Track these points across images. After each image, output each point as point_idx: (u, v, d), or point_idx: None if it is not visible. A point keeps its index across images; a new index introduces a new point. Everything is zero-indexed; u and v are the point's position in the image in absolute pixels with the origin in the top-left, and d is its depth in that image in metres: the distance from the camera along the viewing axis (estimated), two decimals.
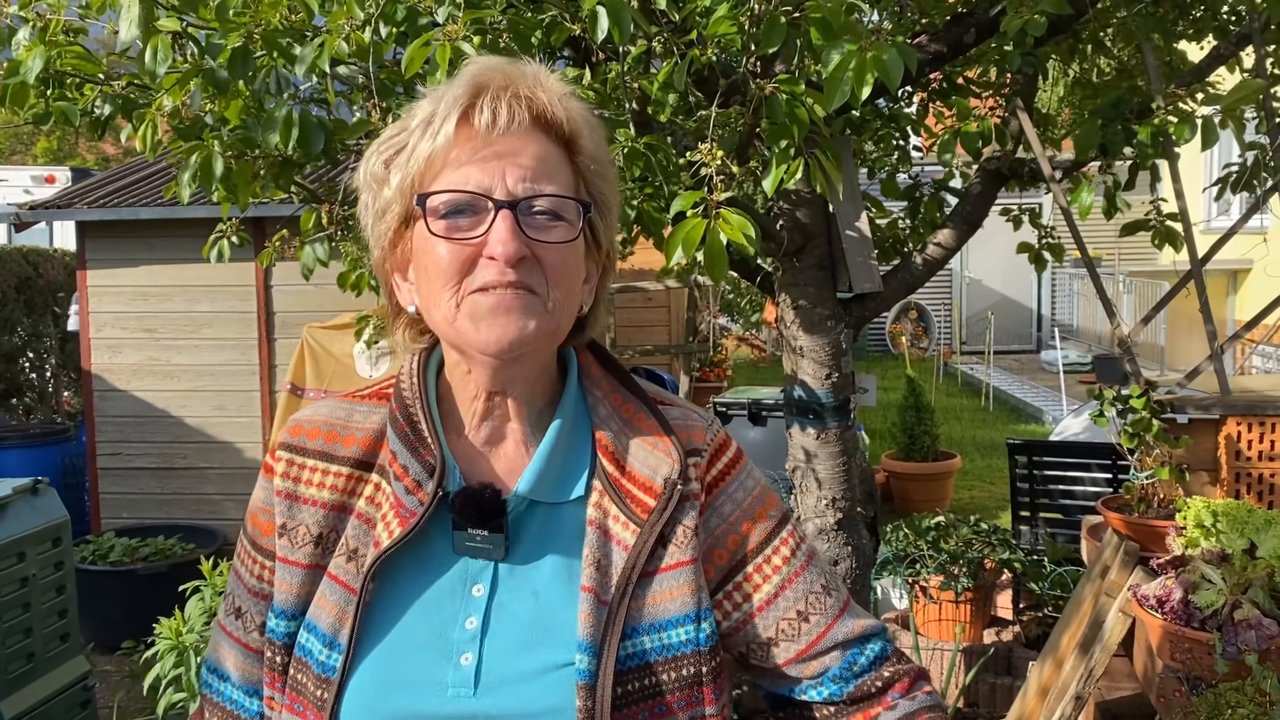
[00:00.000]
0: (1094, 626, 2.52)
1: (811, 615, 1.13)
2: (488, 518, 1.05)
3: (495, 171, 1.02)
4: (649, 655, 1.04)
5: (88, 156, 18.14)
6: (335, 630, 1.06)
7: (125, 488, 6.53)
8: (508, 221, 1.00)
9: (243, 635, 1.16)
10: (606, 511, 1.08)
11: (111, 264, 6.44)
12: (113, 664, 5.13)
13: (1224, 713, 1.91)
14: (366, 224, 1.11)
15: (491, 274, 1.01)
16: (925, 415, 7.43)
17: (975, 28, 2.67)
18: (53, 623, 3.58)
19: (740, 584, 1.12)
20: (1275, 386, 3.15)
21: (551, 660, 1.02)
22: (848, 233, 2.82)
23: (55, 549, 3.60)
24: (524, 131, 1.03)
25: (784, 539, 1.15)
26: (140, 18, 1.70)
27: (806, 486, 2.92)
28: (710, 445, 1.14)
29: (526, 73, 1.05)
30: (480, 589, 1.06)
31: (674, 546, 1.07)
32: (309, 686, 1.06)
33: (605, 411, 1.13)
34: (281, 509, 1.11)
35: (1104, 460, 5.06)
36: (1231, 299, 11.05)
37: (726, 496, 1.13)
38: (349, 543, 1.08)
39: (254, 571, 1.15)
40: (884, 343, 15.94)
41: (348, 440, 1.12)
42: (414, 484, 1.06)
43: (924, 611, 4.35)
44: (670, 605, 1.05)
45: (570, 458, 1.10)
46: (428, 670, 1.03)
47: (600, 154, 1.10)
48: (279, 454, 1.14)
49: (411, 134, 1.05)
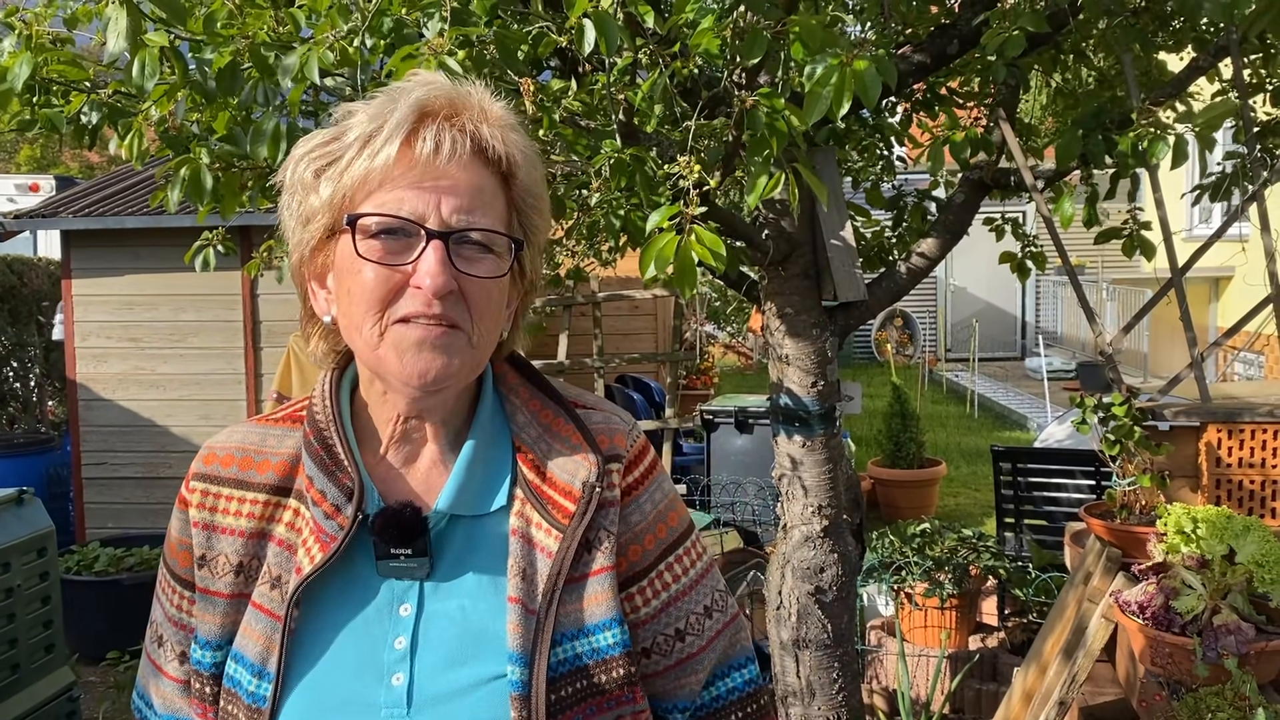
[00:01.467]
0: (1077, 632, 2.54)
1: (688, 635, 1.14)
2: (410, 537, 1.04)
3: (430, 199, 1.00)
4: (579, 660, 1.04)
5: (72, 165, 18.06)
6: (263, 659, 1.04)
7: (110, 497, 6.50)
8: (438, 252, 0.99)
9: (164, 664, 1.16)
10: (529, 519, 1.07)
11: (96, 273, 6.42)
12: (98, 675, 5.10)
13: (1204, 717, 1.93)
14: (288, 226, 1.08)
15: (417, 304, 0.99)
16: (911, 422, 7.46)
17: (958, 39, 2.70)
18: (37, 633, 3.56)
19: (632, 595, 1.11)
20: (1256, 393, 3.19)
21: (483, 673, 1.02)
22: (833, 241, 2.84)
23: (40, 559, 3.59)
24: (465, 161, 1.02)
25: (679, 555, 1.15)
26: (128, 29, 1.70)
27: (793, 494, 2.94)
28: (630, 452, 1.13)
29: (472, 101, 1.04)
30: (407, 608, 1.05)
31: (598, 552, 1.07)
32: (240, 717, 1.05)
33: (524, 419, 1.12)
34: (199, 539, 1.10)
35: (1087, 467, 5.09)
36: (1213, 306, 11.13)
37: (636, 506, 1.13)
38: (271, 570, 1.07)
39: (173, 601, 1.14)
40: (870, 350, 15.99)
41: (262, 466, 1.11)
42: (333, 508, 1.05)
43: (909, 618, 4.36)
44: (597, 610, 1.06)
45: (490, 469, 1.09)
46: (360, 693, 1.02)
47: (536, 188, 1.09)
48: (193, 484, 1.12)
49: (348, 148, 1.02)
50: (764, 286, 2.94)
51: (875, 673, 4.34)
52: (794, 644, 2.93)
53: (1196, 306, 10.30)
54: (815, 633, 2.92)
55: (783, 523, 3.00)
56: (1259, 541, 2.17)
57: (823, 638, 2.92)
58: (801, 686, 2.94)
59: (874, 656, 4.34)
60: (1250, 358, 9.82)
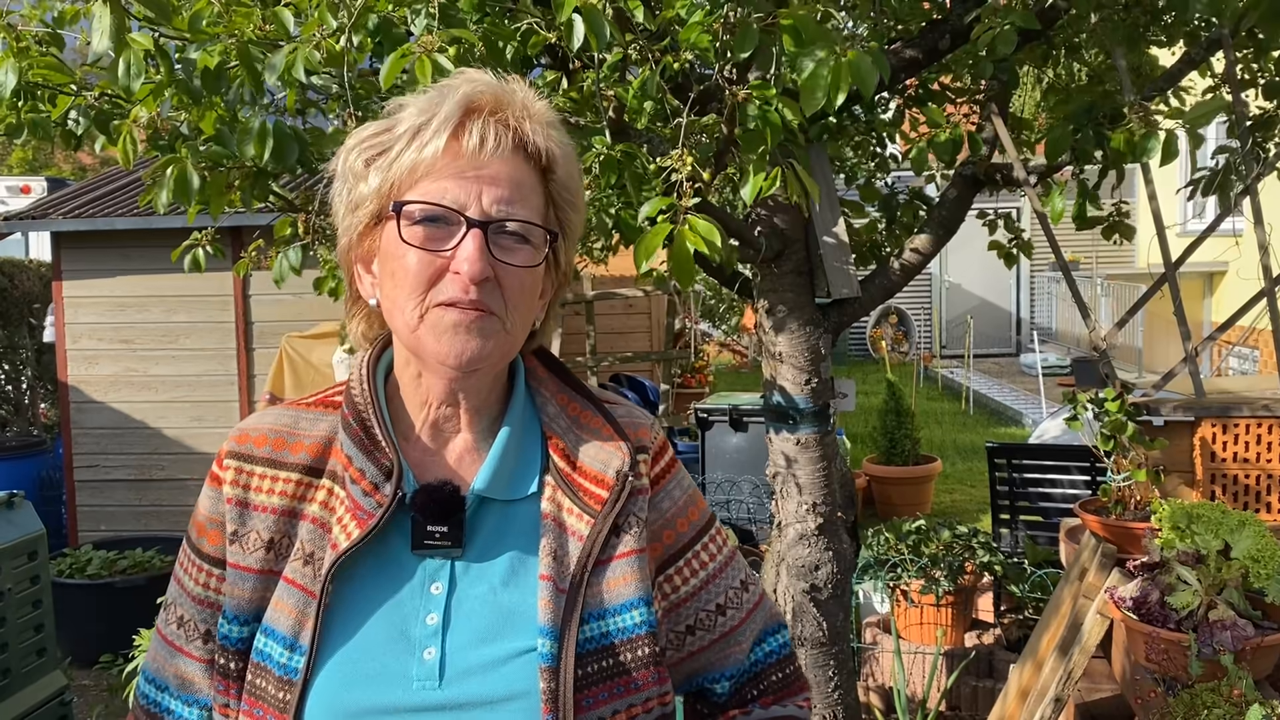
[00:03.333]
0: (1072, 629, 2.54)
1: (728, 609, 1.22)
2: (448, 514, 1.09)
3: (472, 190, 1.06)
4: (607, 638, 1.09)
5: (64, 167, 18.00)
6: (296, 632, 1.07)
7: (103, 500, 6.48)
8: (477, 240, 1.05)
9: (184, 644, 1.16)
10: (560, 505, 1.12)
11: (87, 275, 6.40)
12: (91, 678, 5.08)
13: (1200, 713, 1.92)
14: (338, 212, 1.14)
15: (455, 290, 1.05)
16: (906, 419, 7.45)
17: (950, 34, 2.69)
18: (29, 637, 3.54)
19: (670, 576, 1.18)
20: (1250, 388, 3.18)
21: (513, 648, 1.06)
22: (825, 238, 2.83)
23: (31, 563, 3.56)
24: (507, 155, 1.08)
25: (712, 535, 1.23)
26: (112, 28, 1.69)
27: (787, 492, 2.93)
28: (654, 444, 1.20)
29: (516, 98, 1.10)
30: (439, 586, 1.09)
31: (627, 536, 1.12)
32: (269, 690, 1.07)
33: (554, 410, 1.18)
34: (232, 516, 1.13)
35: (1082, 463, 5.09)
36: (1208, 301, 11.15)
37: (665, 494, 1.20)
38: (304, 547, 1.10)
39: (199, 580, 1.15)
40: (865, 347, 16.00)
41: (295, 447, 1.14)
42: (371, 486, 1.09)
43: (905, 615, 4.36)
44: (624, 590, 1.10)
45: (522, 457, 1.15)
46: (392, 666, 1.06)
47: (572, 184, 1.14)
48: (227, 463, 1.15)
49: (398, 140, 1.08)
50: (757, 284, 2.93)
51: (871, 670, 4.33)
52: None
53: (1190, 301, 10.32)
54: (810, 631, 2.91)
55: (777, 521, 2.99)
56: (1254, 537, 2.17)
57: (818, 635, 2.92)
58: (790, 653, 2.92)
59: (870, 654, 4.34)
60: (1245, 352, 9.84)
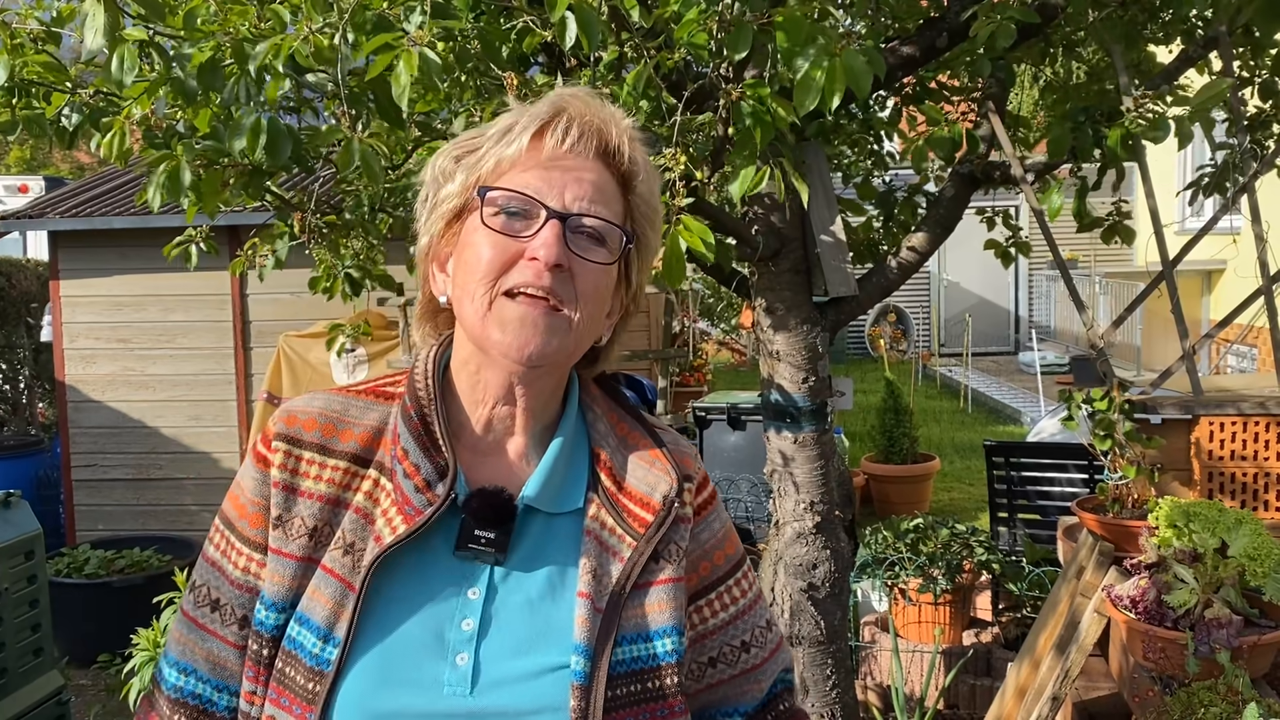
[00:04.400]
0: (1070, 627, 2.54)
1: (752, 647, 1.22)
2: (500, 521, 1.09)
3: (556, 184, 1.08)
4: (638, 662, 1.08)
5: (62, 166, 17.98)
6: (331, 624, 1.06)
7: (100, 499, 6.47)
8: (555, 230, 1.07)
9: (219, 629, 1.13)
10: (604, 523, 1.13)
11: (85, 274, 6.39)
12: (88, 678, 5.08)
13: (1197, 711, 1.92)
14: (421, 215, 1.17)
15: (528, 275, 1.06)
16: (904, 418, 7.45)
17: (947, 32, 2.69)
18: (25, 637, 3.53)
19: (700, 608, 1.18)
20: (1248, 386, 3.18)
21: (547, 663, 1.06)
22: (823, 237, 2.83)
23: (28, 562, 3.56)
24: (590, 157, 1.11)
25: (744, 573, 1.23)
26: (105, 26, 1.68)
27: (784, 490, 2.92)
28: (699, 475, 1.21)
29: (604, 108, 1.13)
30: (476, 592, 1.09)
31: (666, 562, 1.12)
32: (298, 680, 1.06)
33: (603, 429, 1.19)
34: (278, 500, 1.11)
35: (1080, 461, 5.09)
36: (1206, 299, 11.15)
37: (706, 525, 1.20)
38: (345, 536, 1.09)
39: (239, 564, 1.12)
40: (863, 345, 15.99)
41: (345, 435, 1.13)
42: (424, 484, 1.09)
43: (903, 614, 4.36)
44: (659, 617, 1.10)
45: (570, 471, 1.15)
46: (424, 668, 1.05)
47: (652, 200, 1.16)
48: (275, 444, 1.12)
49: (487, 139, 1.11)
50: (754, 282, 2.92)
51: (869, 669, 4.33)
52: (787, 641, 2.92)
53: (1188, 299, 10.31)
54: (808, 629, 2.91)
55: (775, 519, 2.98)
56: (1251, 535, 2.16)
57: (816, 634, 2.91)
58: (795, 684, 2.93)
59: (868, 653, 4.34)
60: (1243, 350, 9.84)
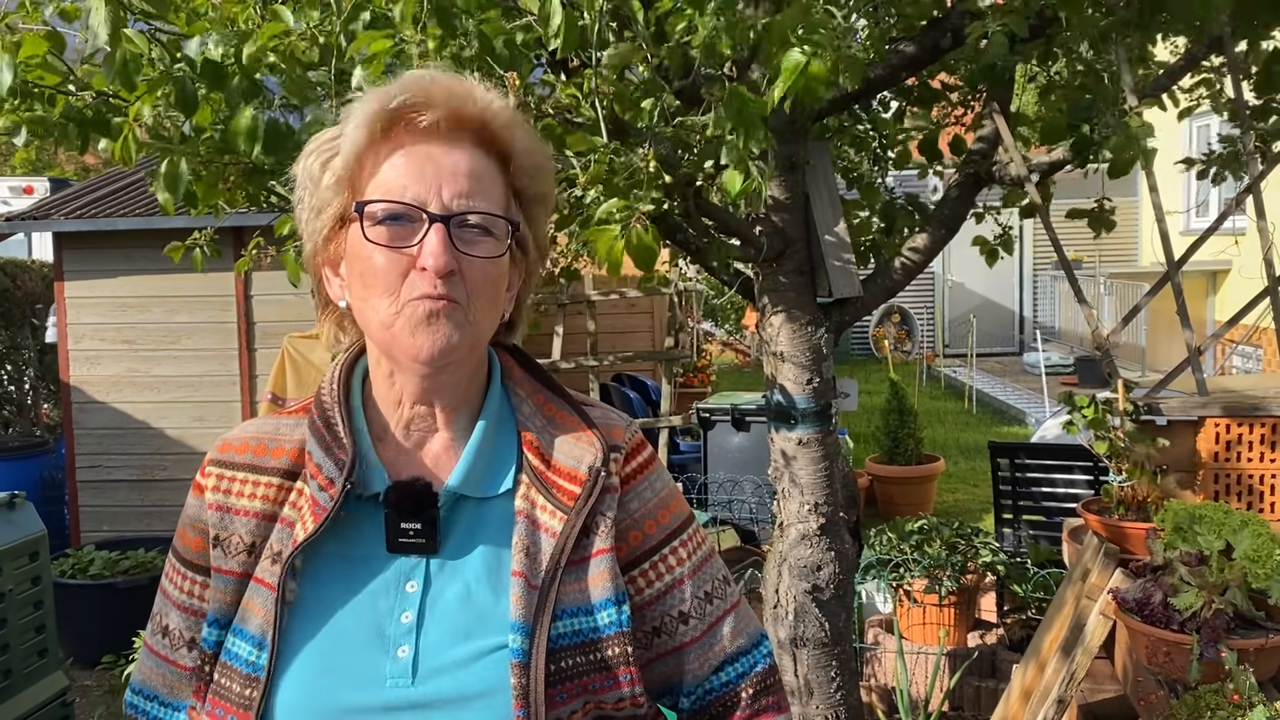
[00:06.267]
0: (1075, 629, 2.53)
1: (690, 619, 1.19)
2: (420, 509, 1.09)
3: (432, 184, 1.06)
4: (579, 635, 1.09)
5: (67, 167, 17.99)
6: (263, 630, 1.09)
7: (105, 500, 6.47)
8: (440, 235, 1.05)
9: (169, 653, 1.18)
10: (534, 502, 1.12)
11: (89, 275, 6.39)
12: (93, 679, 5.08)
13: (1204, 715, 1.91)
14: (300, 218, 1.15)
15: (424, 286, 1.05)
16: (908, 418, 7.44)
17: (951, 32, 2.68)
18: (30, 638, 3.53)
19: (634, 578, 1.17)
20: (1253, 387, 3.17)
21: (486, 645, 1.07)
22: (827, 238, 2.82)
23: (32, 564, 3.56)
24: (463, 148, 1.08)
25: (682, 540, 1.20)
26: (109, 23, 1.67)
27: (789, 492, 2.92)
28: (628, 444, 1.19)
29: (469, 90, 1.09)
30: (414, 585, 1.10)
31: (596, 536, 1.12)
32: (234, 689, 1.09)
33: (529, 410, 1.18)
34: (214, 520, 1.15)
35: (1085, 462, 5.07)
36: (1211, 300, 11.13)
37: (635, 494, 1.18)
38: (273, 546, 1.12)
39: (183, 588, 1.17)
40: (867, 347, 15.98)
41: (276, 452, 1.16)
42: (327, 481, 1.10)
43: (908, 615, 4.35)
44: (595, 590, 1.11)
45: (497, 454, 1.15)
46: (365, 664, 1.07)
47: (534, 172, 1.14)
48: (209, 470, 1.18)
49: (347, 139, 1.08)
50: (759, 283, 2.92)
51: (873, 671, 4.32)
52: (791, 642, 2.91)
53: (1193, 300, 10.27)
54: (813, 631, 2.90)
55: (779, 521, 2.98)
56: (1256, 537, 2.16)
57: (820, 636, 2.91)
58: (799, 685, 2.92)
59: (872, 654, 4.33)
60: (1248, 351, 9.81)
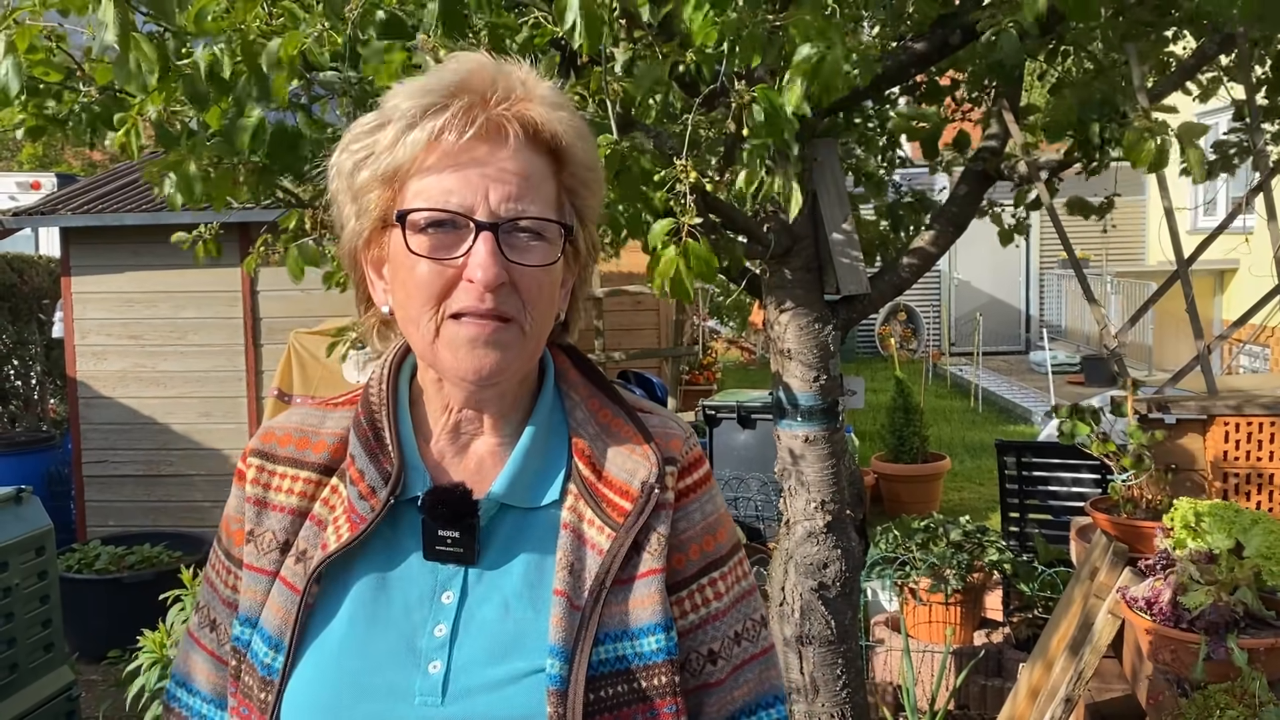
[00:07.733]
0: (1083, 628, 2.52)
1: (719, 659, 1.09)
2: (458, 516, 1.03)
3: (478, 188, 0.98)
4: (622, 662, 1.01)
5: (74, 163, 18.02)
6: (280, 632, 1.04)
7: (111, 495, 6.49)
8: (488, 244, 0.98)
9: (216, 648, 1.14)
10: (581, 515, 1.05)
11: (96, 270, 6.40)
12: (99, 673, 5.09)
13: (1213, 714, 1.90)
14: (339, 216, 1.07)
15: (470, 299, 0.98)
16: (914, 417, 7.43)
17: (961, 29, 2.67)
18: (36, 633, 3.54)
19: (671, 605, 1.07)
20: (1261, 386, 3.16)
21: (522, 667, 1.00)
22: (834, 235, 2.82)
23: (39, 558, 3.57)
24: (511, 146, 0.99)
25: (723, 573, 1.11)
26: (117, 23, 1.67)
27: (795, 489, 2.91)
28: (684, 458, 1.11)
29: (516, 80, 1.01)
30: (450, 596, 1.03)
31: (647, 554, 1.04)
32: (254, 689, 1.05)
33: (582, 415, 1.10)
34: (250, 515, 1.11)
35: (1092, 461, 5.04)
36: (1219, 299, 11.09)
37: (685, 513, 1.09)
38: (299, 544, 1.07)
39: (228, 582, 1.13)
40: (873, 345, 15.94)
41: (318, 446, 1.11)
42: (368, 489, 1.05)
43: (914, 614, 4.34)
44: (642, 613, 1.03)
45: (545, 462, 1.08)
46: (394, 678, 1.00)
47: (587, 166, 1.06)
48: (250, 460, 1.13)
49: (387, 135, 1.00)
50: (766, 281, 2.91)
51: (879, 669, 4.31)
52: (797, 640, 2.91)
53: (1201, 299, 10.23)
54: (819, 629, 2.90)
55: (785, 518, 2.97)
56: (1266, 534, 2.15)
57: (826, 634, 2.90)
58: (805, 683, 2.92)
59: (878, 652, 4.32)
60: (1256, 350, 9.78)
